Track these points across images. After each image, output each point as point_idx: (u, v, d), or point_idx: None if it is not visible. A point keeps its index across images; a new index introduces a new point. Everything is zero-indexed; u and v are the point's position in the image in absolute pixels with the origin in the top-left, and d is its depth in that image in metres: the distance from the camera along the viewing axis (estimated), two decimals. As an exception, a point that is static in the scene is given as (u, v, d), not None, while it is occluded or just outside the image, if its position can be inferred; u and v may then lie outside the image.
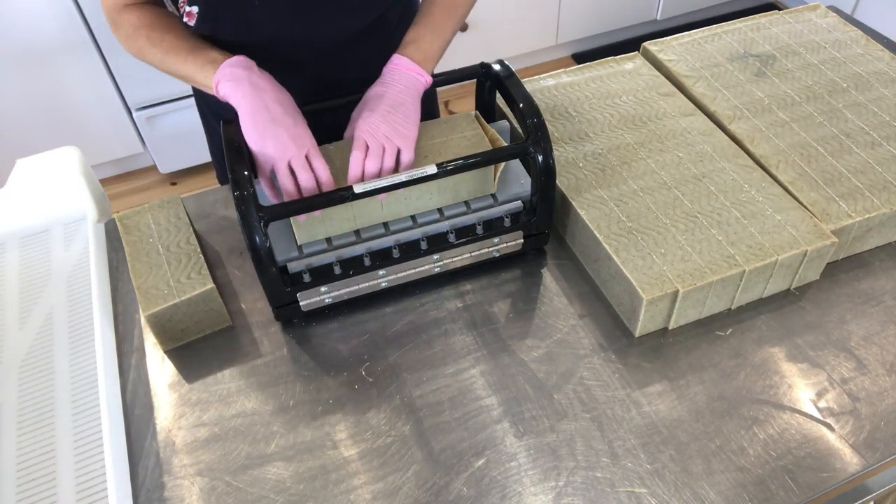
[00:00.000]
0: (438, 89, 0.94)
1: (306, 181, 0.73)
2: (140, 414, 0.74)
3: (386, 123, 0.76)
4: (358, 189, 0.72)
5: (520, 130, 0.84)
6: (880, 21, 2.13)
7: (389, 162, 0.76)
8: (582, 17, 2.47)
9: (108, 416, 0.70)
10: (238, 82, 0.75)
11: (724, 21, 1.12)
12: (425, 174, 0.73)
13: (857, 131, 0.91)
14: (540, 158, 0.76)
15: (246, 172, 0.71)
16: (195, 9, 0.78)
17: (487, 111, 0.91)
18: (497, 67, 0.83)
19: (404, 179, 0.73)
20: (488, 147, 0.81)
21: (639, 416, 0.72)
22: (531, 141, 0.76)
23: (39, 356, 0.80)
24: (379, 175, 0.75)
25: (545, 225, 0.84)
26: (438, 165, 0.74)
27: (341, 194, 0.72)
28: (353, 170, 0.75)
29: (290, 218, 0.76)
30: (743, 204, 0.82)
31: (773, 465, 0.68)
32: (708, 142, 0.91)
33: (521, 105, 0.78)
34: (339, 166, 0.79)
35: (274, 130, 0.73)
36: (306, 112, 0.79)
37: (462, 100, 2.45)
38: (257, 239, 0.70)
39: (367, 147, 0.75)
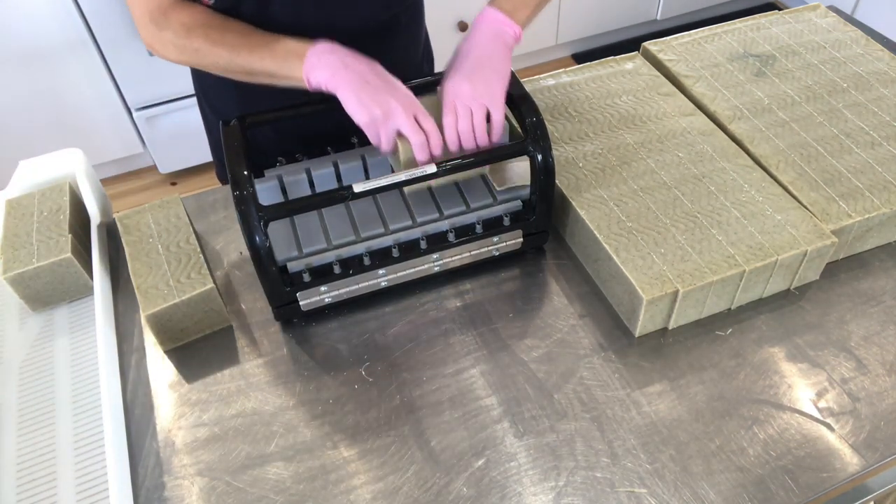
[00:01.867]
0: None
1: (417, 141, 0.72)
2: (140, 414, 0.74)
3: (470, 83, 0.74)
4: (358, 188, 0.72)
5: (519, 130, 0.84)
6: (880, 21, 2.13)
7: (480, 123, 0.74)
8: (582, 17, 2.47)
9: (108, 416, 0.70)
10: (333, 69, 0.72)
11: (724, 21, 1.13)
12: (424, 174, 0.73)
13: (857, 131, 0.91)
14: (539, 157, 0.76)
15: (245, 172, 0.71)
16: None
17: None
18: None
19: (403, 179, 0.73)
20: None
21: (639, 416, 0.72)
22: (530, 140, 0.76)
23: (39, 356, 0.80)
24: (474, 139, 0.75)
25: (544, 224, 0.84)
26: (438, 165, 0.74)
27: (341, 194, 0.72)
28: (449, 136, 0.74)
29: None
30: (743, 204, 0.82)
31: (773, 465, 0.68)
32: (708, 142, 0.91)
33: (520, 104, 0.78)
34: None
35: (380, 99, 0.71)
36: (275, 119, 0.81)
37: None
38: (257, 238, 0.70)
39: (456, 111, 0.74)
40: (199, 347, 0.80)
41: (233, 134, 0.75)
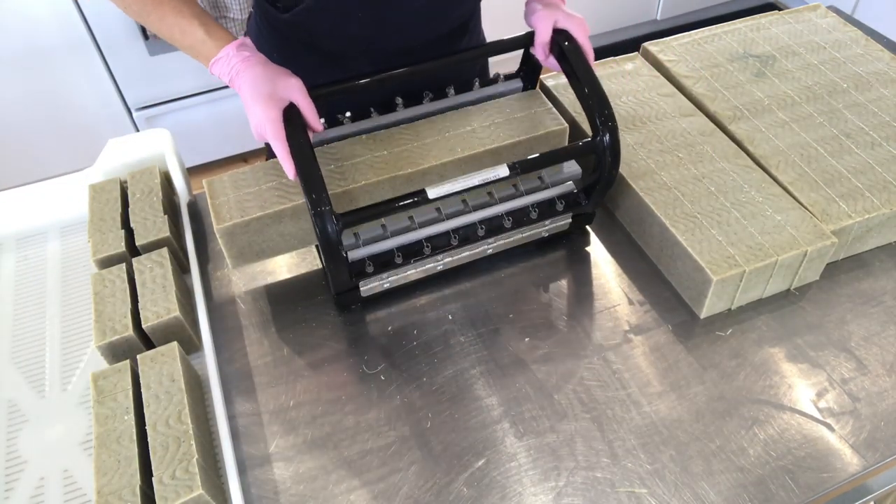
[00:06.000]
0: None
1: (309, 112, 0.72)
2: (140, 414, 0.74)
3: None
4: (432, 194, 0.72)
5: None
6: (880, 21, 2.13)
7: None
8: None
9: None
10: (230, 80, 0.74)
11: (723, 21, 1.12)
12: (498, 177, 0.73)
13: (857, 131, 0.91)
14: (610, 151, 0.76)
15: (321, 179, 0.68)
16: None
17: (528, 79, 0.90)
18: (560, 38, 0.80)
19: (477, 183, 0.73)
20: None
21: (639, 416, 0.72)
22: (601, 133, 0.76)
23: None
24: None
25: (596, 206, 0.85)
26: (510, 167, 0.74)
27: (416, 200, 0.72)
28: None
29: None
30: (743, 204, 0.82)
31: (773, 466, 0.68)
32: (708, 142, 0.91)
33: (587, 91, 0.77)
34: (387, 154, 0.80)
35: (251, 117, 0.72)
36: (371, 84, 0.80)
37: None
38: (332, 242, 0.69)
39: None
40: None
41: (292, 120, 0.72)
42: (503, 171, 0.73)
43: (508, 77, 0.90)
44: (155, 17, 0.75)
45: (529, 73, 0.89)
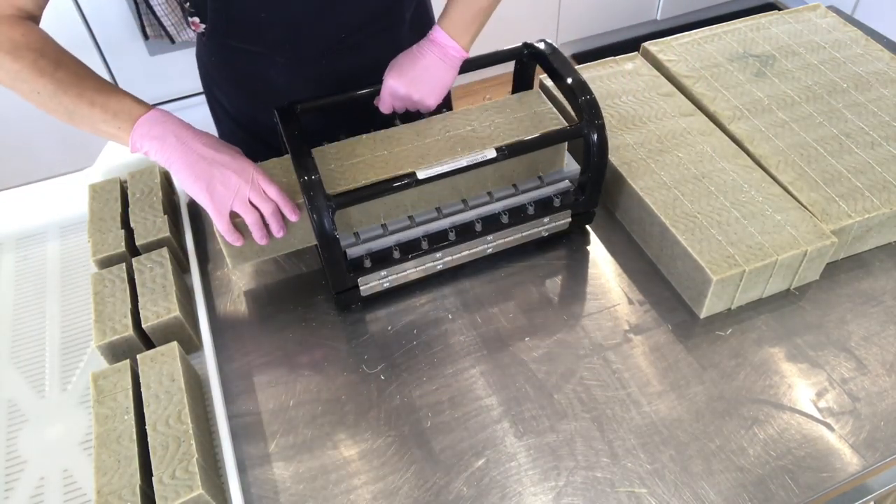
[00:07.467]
0: (476, 74, 0.92)
1: (268, 209, 0.72)
2: (140, 414, 0.74)
3: (408, 89, 0.80)
4: (421, 175, 0.73)
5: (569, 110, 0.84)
6: (880, 21, 2.13)
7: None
8: (582, 17, 2.47)
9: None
10: (162, 139, 0.70)
11: (723, 21, 1.12)
12: (486, 158, 0.74)
13: (856, 131, 0.91)
14: (595, 137, 0.77)
15: (310, 158, 0.70)
16: (198, 19, 0.79)
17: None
18: (541, 46, 0.83)
19: (465, 164, 0.74)
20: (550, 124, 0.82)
21: (639, 416, 0.72)
22: (585, 119, 0.77)
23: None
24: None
25: (593, 203, 0.85)
26: (498, 150, 0.75)
27: (406, 181, 0.73)
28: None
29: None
30: (743, 204, 0.82)
31: (773, 465, 0.68)
32: (708, 142, 0.91)
33: (571, 83, 0.78)
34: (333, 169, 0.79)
35: (219, 174, 0.70)
36: (324, 105, 0.81)
37: (497, 87, 2.41)
38: (326, 226, 0.70)
39: (392, 108, 0.83)
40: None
41: (291, 120, 0.75)
42: (490, 153, 0.75)
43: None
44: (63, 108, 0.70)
45: (524, 89, 0.89)
